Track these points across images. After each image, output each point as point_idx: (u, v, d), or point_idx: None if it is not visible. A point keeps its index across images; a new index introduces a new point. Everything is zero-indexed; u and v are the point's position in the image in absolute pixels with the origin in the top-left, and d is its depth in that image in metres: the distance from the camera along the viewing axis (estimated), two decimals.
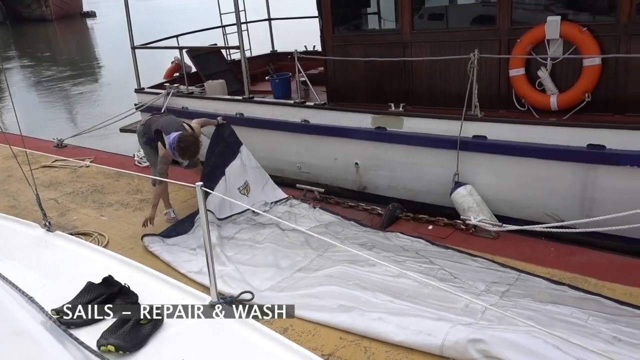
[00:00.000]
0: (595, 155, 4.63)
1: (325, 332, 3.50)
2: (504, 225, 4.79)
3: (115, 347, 1.97)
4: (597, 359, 2.86)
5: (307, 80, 6.46)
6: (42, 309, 2.25)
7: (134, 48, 8.17)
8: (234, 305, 2.29)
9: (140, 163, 7.24)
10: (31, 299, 2.34)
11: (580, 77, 4.97)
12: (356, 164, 6.05)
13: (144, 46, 8.34)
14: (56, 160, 7.41)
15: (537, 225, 4.68)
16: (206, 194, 2.38)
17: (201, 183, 2.34)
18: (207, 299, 2.30)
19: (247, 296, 2.58)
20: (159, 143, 5.04)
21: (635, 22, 4.69)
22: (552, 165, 4.91)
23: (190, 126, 5.13)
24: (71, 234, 5.17)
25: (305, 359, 1.90)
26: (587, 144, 4.67)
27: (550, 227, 4.61)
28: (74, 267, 2.73)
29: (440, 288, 2.71)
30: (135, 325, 2.10)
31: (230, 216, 5.27)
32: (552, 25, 4.94)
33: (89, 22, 42.96)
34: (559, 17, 4.92)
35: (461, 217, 4.99)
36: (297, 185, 6.04)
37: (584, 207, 4.86)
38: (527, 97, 5.30)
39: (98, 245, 5.00)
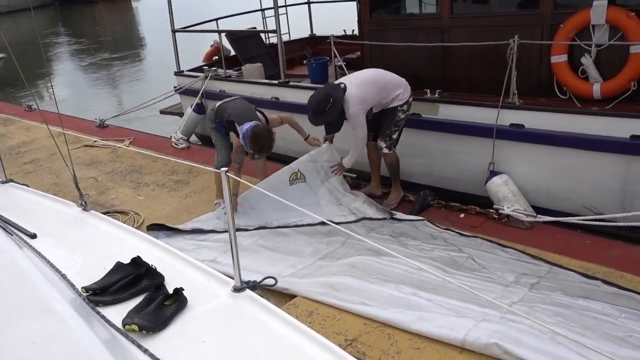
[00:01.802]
0: (639, 147, 4.44)
1: (350, 317, 3.52)
2: (538, 216, 4.67)
3: (138, 326, 2.04)
4: None
5: (342, 64, 6.41)
6: (73, 286, 2.36)
7: (174, 31, 8.28)
8: (255, 291, 2.33)
9: (177, 145, 7.39)
10: (64, 276, 2.44)
11: (626, 65, 4.75)
12: None
13: (184, 29, 8.44)
14: (97, 140, 7.64)
15: (573, 217, 4.55)
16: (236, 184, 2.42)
17: (225, 169, 2.36)
18: (231, 283, 2.35)
19: (270, 281, 2.61)
20: (232, 133, 4.93)
21: None
22: (593, 156, 4.73)
23: (264, 115, 5.02)
24: (108, 213, 5.44)
25: (325, 348, 1.91)
26: (630, 135, 4.48)
27: (587, 220, 4.47)
28: (106, 246, 2.83)
29: (461, 287, 2.66)
30: (159, 306, 2.16)
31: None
32: (598, 10, 4.73)
33: (133, 3, 43.76)
34: (605, 2, 4.71)
35: (494, 206, 4.89)
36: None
37: (624, 200, 4.68)
38: (569, 84, 5.12)
39: (133, 224, 5.20)
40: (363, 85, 4.95)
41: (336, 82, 4.97)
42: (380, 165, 5.53)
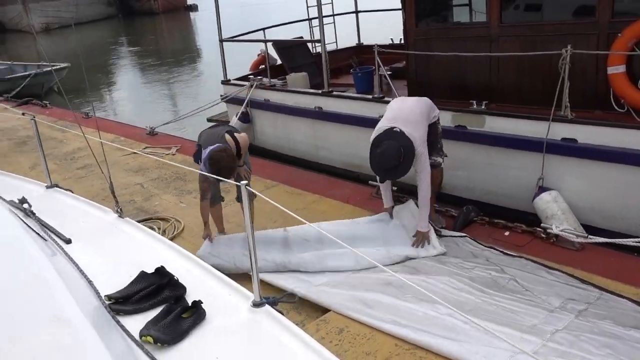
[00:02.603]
0: None
1: (381, 337, 3.39)
2: (589, 236, 4.38)
3: (154, 338, 2.02)
4: None
5: (385, 74, 6.30)
6: (97, 293, 2.37)
7: (221, 41, 8.43)
8: (277, 306, 2.26)
9: None
10: (90, 283, 2.46)
11: None
12: None
13: (231, 39, 8.58)
14: (146, 148, 7.84)
15: (629, 239, 4.24)
16: (252, 195, 2.36)
17: (246, 182, 2.32)
18: (251, 298, 2.29)
19: (292, 298, 2.54)
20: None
21: None
22: None
23: (234, 138, 4.45)
24: (150, 219, 5.54)
25: None
26: None
27: None
28: (136, 254, 2.85)
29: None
30: (176, 319, 2.14)
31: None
32: None
33: (192, 14, 45.20)
34: None
35: (542, 224, 4.63)
36: (370, 182, 5.93)
37: None
38: (627, 97, 4.80)
39: (174, 230, 5.27)
40: (416, 124, 4.48)
41: (383, 128, 4.43)
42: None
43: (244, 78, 8.45)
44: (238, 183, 2.49)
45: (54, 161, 7.80)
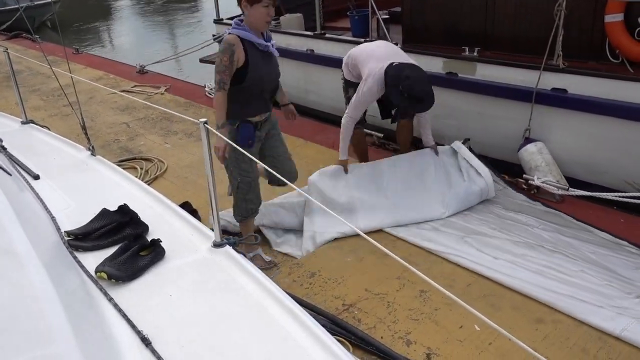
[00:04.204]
0: None
1: (352, 282, 3.43)
2: (571, 189, 4.36)
3: (107, 274, 2.02)
4: None
5: (380, 18, 6.09)
6: (58, 229, 2.36)
7: None
8: (236, 248, 2.25)
9: (210, 93, 7.34)
10: (53, 218, 2.45)
11: None
12: None
13: None
14: (135, 86, 7.71)
15: (609, 193, 4.21)
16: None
17: (205, 119, 2.24)
18: (212, 238, 2.28)
19: (254, 239, 2.53)
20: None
21: None
22: None
23: None
24: (135, 159, 5.50)
25: (289, 311, 1.83)
26: None
27: (625, 197, 4.13)
28: (103, 192, 2.83)
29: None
30: (133, 256, 2.13)
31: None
32: None
33: None
34: None
35: (523, 176, 4.60)
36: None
37: None
38: (622, 47, 4.64)
39: (157, 171, 5.24)
40: (406, 56, 4.45)
41: (388, 64, 4.17)
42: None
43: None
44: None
45: (41, 97, 7.69)
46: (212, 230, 2.33)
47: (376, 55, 4.43)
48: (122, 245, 2.20)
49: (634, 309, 3.04)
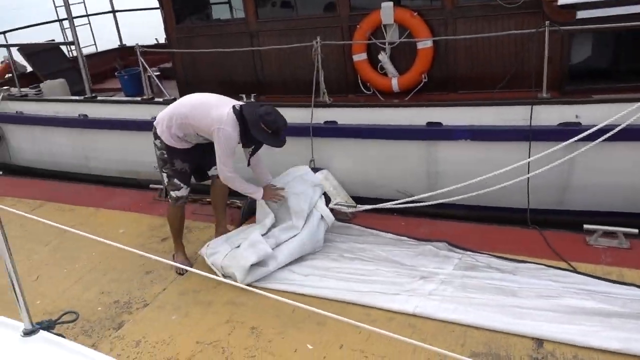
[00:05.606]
0: (434, 132, 4.94)
1: (182, 339, 3.34)
2: (358, 206, 4.95)
3: None
4: None
5: (152, 75, 6.13)
6: None
7: None
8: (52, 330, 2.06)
9: None
10: None
11: (415, 60, 5.26)
12: None
13: None
14: None
15: (388, 203, 4.89)
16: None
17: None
18: (20, 327, 2.04)
19: (71, 317, 2.34)
20: None
21: (459, 6, 5.06)
22: (399, 145, 5.14)
23: None
24: None
25: None
26: (426, 122, 4.96)
27: (400, 203, 4.84)
28: None
29: None
30: None
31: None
32: (387, 11, 5.16)
33: None
34: (391, 3, 5.15)
35: None
36: (151, 185, 5.73)
37: (430, 182, 5.17)
38: (371, 80, 5.51)
39: None
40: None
41: (229, 108, 4.03)
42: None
43: None
44: None
45: None
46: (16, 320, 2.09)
47: (212, 104, 4.15)
48: None
49: (420, 289, 3.67)
